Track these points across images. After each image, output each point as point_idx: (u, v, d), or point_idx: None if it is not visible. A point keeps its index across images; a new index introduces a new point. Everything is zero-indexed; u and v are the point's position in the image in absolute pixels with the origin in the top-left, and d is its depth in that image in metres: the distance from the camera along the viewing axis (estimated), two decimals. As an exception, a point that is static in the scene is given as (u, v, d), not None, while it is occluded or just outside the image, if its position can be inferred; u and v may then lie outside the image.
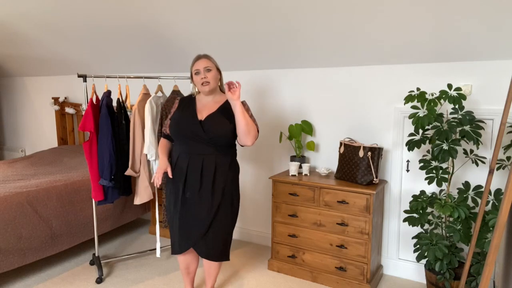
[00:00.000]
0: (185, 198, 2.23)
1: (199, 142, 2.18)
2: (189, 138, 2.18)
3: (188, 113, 2.23)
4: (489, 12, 2.15)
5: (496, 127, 2.51)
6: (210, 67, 2.20)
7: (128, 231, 3.85)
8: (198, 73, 2.20)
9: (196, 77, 2.21)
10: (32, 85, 5.07)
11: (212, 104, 2.25)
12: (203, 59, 2.22)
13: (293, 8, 2.53)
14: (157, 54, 3.58)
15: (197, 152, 2.19)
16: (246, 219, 3.64)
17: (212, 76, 2.21)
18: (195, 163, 2.19)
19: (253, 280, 2.88)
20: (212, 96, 2.28)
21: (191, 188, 2.21)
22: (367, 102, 2.94)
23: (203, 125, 2.16)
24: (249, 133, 2.14)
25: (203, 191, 2.20)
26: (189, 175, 2.20)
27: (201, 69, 2.19)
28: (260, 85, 3.39)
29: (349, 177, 2.76)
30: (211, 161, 2.19)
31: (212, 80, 2.20)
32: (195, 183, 2.20)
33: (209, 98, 2.28)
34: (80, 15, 3.25)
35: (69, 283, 2.82)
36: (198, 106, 2.26)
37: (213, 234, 2.24)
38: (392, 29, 2.47)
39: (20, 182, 3.04)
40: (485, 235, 2.24)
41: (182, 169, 2.22)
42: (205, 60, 2.22)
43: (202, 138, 2.16)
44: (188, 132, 2.17)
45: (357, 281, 2.69)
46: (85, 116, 2.75)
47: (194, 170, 2.19)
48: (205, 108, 2.25)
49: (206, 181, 2.19)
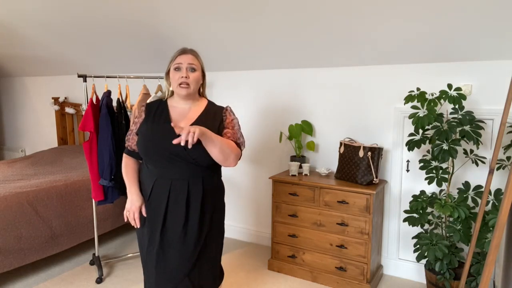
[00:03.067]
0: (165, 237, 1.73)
1: (180, 164, 1.69)
2: (167, 159, 1.68)
3: (162, 127, 1.71)
4: (489, 12, 2.15)
5: (496, 127, 2.51)
6: (195, 67, 1.75)
7: (128, 231, 3.85)
8: (179, 70, 1.74)
9: (175, 73, 1.74)
10: (32, 85, 5.07)
11: (190, 113, 1.78)
12: (189, 55, 1.76)
13: (294, 8, 2.53)
14: (157, 54, 3.57)
15: (180, 177, 1.70)
16: (246, 219, 3.64)
17: (195, 78, 1.75)
18: (178, 193, 1.70)
19: (253, 280, 2.88)
20: (190, 102, 1.80)
21: (174, 225, 1.72)
22: (367, 102, 2.94)
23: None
24: (228, 158, 1.66)
25: (190, 224, 1.72)
26: (170, 210, 1.71)
27: (183, 65, 1.73)
28: (260, 85, 3.39)
29: (349, 177, 2.76)
30: (198, 187, 1.72)
31: (193, 83, 1.74)
32: (179, 218, 1.71)
33: (186, 104, 1.80)
34: (80, 15, 3.25)
35: (69, 283, 2.82)
36: (172, 115, 1.76)
37: (201, 268, 1.78)
38: (392, 29, 2.47)
39: (20, 182, 3.04)
40: (485, 235, 2.24)
41: (160, 202, 1.71)
42: (191, 56, 1.76)
43: (183, 158, 1.67)
44: (166, 153, 1.67)
45: (357, 281, 2.69)
46: (85, 116, 2.75)
47: (178, 202, 1.71)
48: (182, 118, 1.76)
49: (193, 212, 1.72)
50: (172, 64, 1.77)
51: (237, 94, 3.50)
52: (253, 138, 3.50)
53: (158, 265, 1.73)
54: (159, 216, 1.72)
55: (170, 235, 1.72)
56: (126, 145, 1.87)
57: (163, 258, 1.73)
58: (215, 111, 1.82)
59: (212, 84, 3.59)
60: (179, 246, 1.72)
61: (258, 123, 3.45)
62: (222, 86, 3.57)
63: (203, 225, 1.75)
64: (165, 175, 1.71)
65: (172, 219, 1.72)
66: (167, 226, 1.72)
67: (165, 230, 1.72)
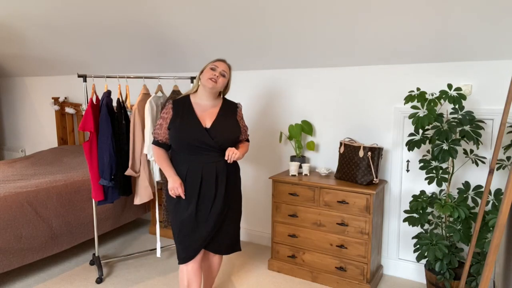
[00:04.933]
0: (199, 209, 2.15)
1: (208, 150, 2.12)
2: (198, 147, 2.11)
3: (191, 121, 2.13)
4: (489, 12, 2.15)
5: (496, 127, 2.51)
6: (226, 75, 2.18)
7: (128, 231, 3.85)
8: (214, 69, 2.14)
9: (208, 71, 2.13)
10: (32, 85, 5.07)
11: (210, 109, 2.20)
12: (226, 64, 2.19)
13: (294, 9, 2.53)
14: (157, 54, 3.58)
15: (209, 161, 2.13)
16: (246, 219, 3.64)
17: (223, 81, 2.16)
18: (209, 173, 2.13)
19: (253, 280, 2.88)
20: (210, 99, 2.21)
21: (206, 198, 2.14)
22: (367, 102, 2.94)
23: (210, 133, 2.11)
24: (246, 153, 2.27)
25: (218, 199, 2.15)
26: (203, 187, 2.13)
27: (218, 69, 2.14)
28: (260, 85, 3.39)
29: (349, 177, 2.76)
30: (223, 168, 2.15)
31: (220, 84, 2.14)
32: (211, 192, 2.14)
33: (207, 101, 2.21)
34: (80, 15, 3.25)
35: (69, 283, 2.82)
36: (197, 112, 2.17)
37: (226, 230, 2.24)
38: (392, 29, 2.47)
39: (20, 182, 3.04)
40: (485, 235, 2.24)
41: (195, 182, 2.13)
42: (226, 66, 2.19)
43: (211, 146, 2.10)
44: (196, 142, 2.09)
45: (357, 281, 2.69)
46: (85, 116, 2.75)
47: (209, 181, 2.13)
48: (206, 113, 2.18)
49: (220, 188, 2.15)
50: (210, 64, 2.16)
51: (237, 94, 3.50)
52: (253, 138, 3.50)
53: (193, 231, 2.15)
54: (195, 192, 2.13)
55: (203, 207, 2.15)
56: (155, 138, 2.22)
57: (197, 225, 2.16)
58: (230, 106, 2.28)
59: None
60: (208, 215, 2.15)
61: (258, 123, 3.45)
62: (222, 86, 3.56)
63: (227, 198, 2.19)
64: (197, 160, 2.12)
65: (205, 193, 2.14)
66: (201, 199, 2.14)
67: (199, 202, 2.14)
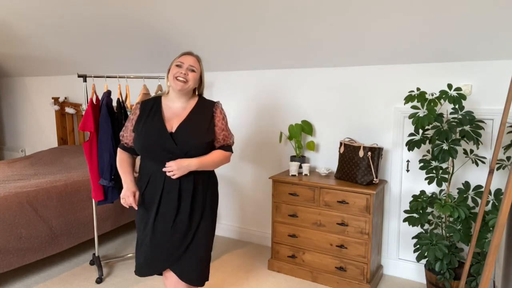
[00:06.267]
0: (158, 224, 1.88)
1: (173, 159, 1.82)
2: (160, 154, 1.82)
3: (155, 124, 1.85)
4: (489, 12, 2.15)
5: (496, 127, 2.51)
6: (195, 69, 1.89)
7: (128, 231, 3.85)
8: (180, 67, 1.87)
9: (174, 69, 1.86)
10: (32, 85, 5.07)
11: (181, 111, 1.91)
12: (192, 57, 1.91)
13: (294, 9, 2.53)
14: (157, 54, 3.58)
15: None
16: (246, 219, 3.64)
17: (193, 77, 1.87)
18: (171, 186, 1.85)
19: (253, 280, 2.88)
20: (182, 101, 1.92)
21: (166, 214, 1.87)
22: (367, 102, 2.94)
23: (175, 138, 1.82)
24: (222, 164, 1.97)
25: (181, 215, 1.87)
26: (163, 202, 1.86)
27: (185, 65, 1.87)
28: (260, 85, 3.39)
29: (349, 177, 2.76)
30: (189, 180, 1.86)
31: (190, 81, 1.86)
32: (172, 208, 1.86)
33: (178, 103, 1.92)
34: (80, 15, 3.25)
35: (69, 283, 2.82)
36: (166, 114, 1.90)
37: (190, 257, 1.91)
38: (392, 29, 2.48)
39: (20, 182, 3.04)
40: (485, 235, 2.24)
41: (154, 195, 1.87)
42: (194, 58, 1.91)
43: (175, 153, 1.81)
44: (158, 148, 1.81)
45: (357, 281, 2.69)
46: (85, 116, 2.75)
47: (170, 195, 1.86)
48: (174, 116, 1.90)
49: (184, 204, 1.87)
50: (174, 61, 1.90)
51: (237, 94, 3.50)
52: (253, 138, 3.50)
53: (150, 248, 1.89)
54: (154, 205, 1.87)
55: (162, 223, 1.88)
56: (121, 141, 2.00)
57: (155, 242, 1.89)
58: (205, 106, 1.95)
59: (212, 84, 3.59)
60: (170, 233, 1.88)
61: (258, 123, 3.45)
62: (222, 86, 3.57)
63: (192, 215, 1.90)
64: (160, 169, 1.84)
65: (165, 209, 1.87)
66: (160, 214, 1.87)
67: (157, 218, 1.88)
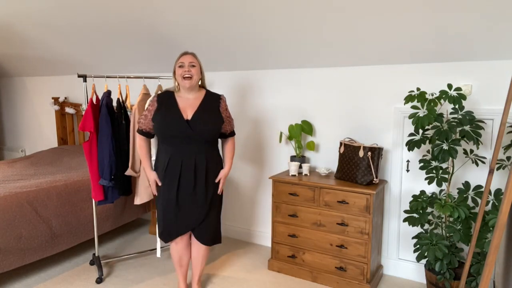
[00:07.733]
0: (180, 196, 2.30)
1: (189, 142, 2.24)
2: (179, 138, 2.23)
3: (173, 113, 2.25)
4: (489, 12, 2.15)
5: (496, 127, 2.51)
6: (195, 64, 2.27)
7: (128, 231, 3.85)
8: (182, 66, 2.25)
9: (179, 69, 2.26)
10: (32, 85, 5.07)
11: (193, 101, 2.31)
12: (189, 55, 2.29)
13: (293, 8, 2.53)
14: (157, 54, 3.58)
15: (189, 152, 2.25)
16: (246, 219, 3.64)
17: (195, 71, 2.26)
18: (188, 164, 2.25)
19: (253, 280, 2.88)
20: (192, 93, 2.32)
21: (185, 189, 2.29)
22: (367, 102, 2.94)
23: (191, 125, 2.22)
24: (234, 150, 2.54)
25: (198, 188, 2.30)
26: (182, 178, 2.27)
27: (185, 63, 2.25)
28: (260, 85, 3.39)
29: (349, 177, 2.76)
30: (202, 159, 2.28)
31: (194, 75, 2.26)
32: (189, 183, 2.28)
33: (189, 95, 2.32)
34: (80, 14, 3.25)
35: (69, 283, 2.82)
36: (180, 104, 2.28)
37: (208, 223, 2.38)
38: (392, 29, 2.47)
39: (20, 182, 3.04)
40: (485, 235, 2.24)
41: (175, 172, 2.27)
42: (191, 56, 2.29)
43: (191, 137, 2.22)
44: (177, 133, 2.22)
45: (357, 281, 2.69)
46: (85, 116, 2.75)
47: (188, 171, 2.26)
48: (188, 106, 2.29)
49: (199, 178, 2.28)
50: (177, 63, 2.29)
51: (237, 94, 3.50)
52: (253, 138, 3.50)
53: (175, 217, 2.31)
54: (175, 182, 2.27)
55: (183, 196, 2.30)
56: (139, 127, 2.37)
57: (178, 213, 2.31)
58: (213, 97, 2.37)
59: (212, 84, 3.59)
60: (191, 202, 2.31)
61: (258, 123, 3.45)
62: (222, 86, 3.57)
63: (207, 188, 2.32)
64: (178, 151, 2.25)
65: (184, 184, 2.28)
66: (180, 189, 2.29)
67: (179, 192, 2.29)
